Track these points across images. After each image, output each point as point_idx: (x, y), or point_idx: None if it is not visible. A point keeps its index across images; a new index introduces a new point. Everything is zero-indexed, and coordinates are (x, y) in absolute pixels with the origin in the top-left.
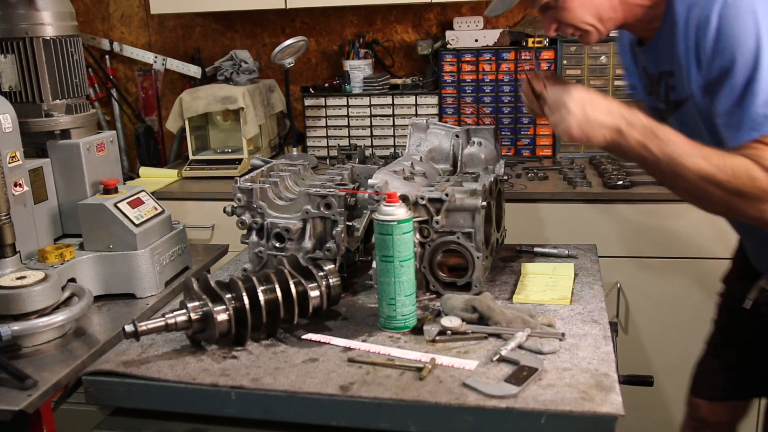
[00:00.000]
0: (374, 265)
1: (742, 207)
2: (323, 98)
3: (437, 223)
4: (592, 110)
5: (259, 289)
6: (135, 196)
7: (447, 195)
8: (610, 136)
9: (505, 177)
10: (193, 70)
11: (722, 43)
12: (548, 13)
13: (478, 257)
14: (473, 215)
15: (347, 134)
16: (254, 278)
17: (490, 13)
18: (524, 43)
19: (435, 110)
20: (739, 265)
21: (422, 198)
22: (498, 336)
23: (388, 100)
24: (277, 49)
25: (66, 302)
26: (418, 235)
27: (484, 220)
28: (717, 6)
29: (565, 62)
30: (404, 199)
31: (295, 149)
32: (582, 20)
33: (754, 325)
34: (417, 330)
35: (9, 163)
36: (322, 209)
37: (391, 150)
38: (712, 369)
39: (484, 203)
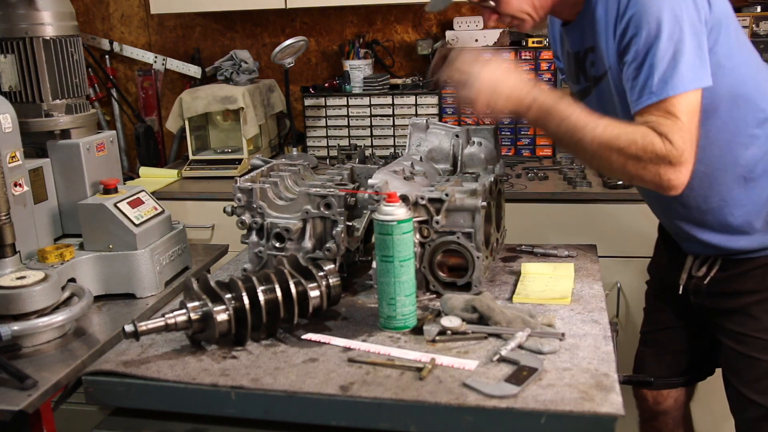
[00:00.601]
0: (374, 264)
1: (640, 172)
2: (323, 98)
3: (437, 223)
4: (500, 84)
5: (259, 289)
6: (135, 196)
7: (447, 195)
8: (510, 111)
9: (505, 177)
10: (193, 70)
11: (632, 11)
12: (487, 5)
13: (478, 257)
14: (473, 215)
15: (347, 134)
16: (254, 278)
17: (430, 9)
18: (524, 43)
19: (435, 110)
20: (661, 251)
21: (422, 198)
22: (498, 336)
23: (388, 100)
24: (277, 49)
25: (66, 302)
26: (418, 235)
27: (484, 220)
28: None
29: None
30: (404, 199)
31: (295, 149)
32: (519, 9)
33: (681, 309)
34: (417, 330)
35: (9, 163)
36: (322, 209)
37: (391, 150)
38: (646, 357)
39: (484, 203)
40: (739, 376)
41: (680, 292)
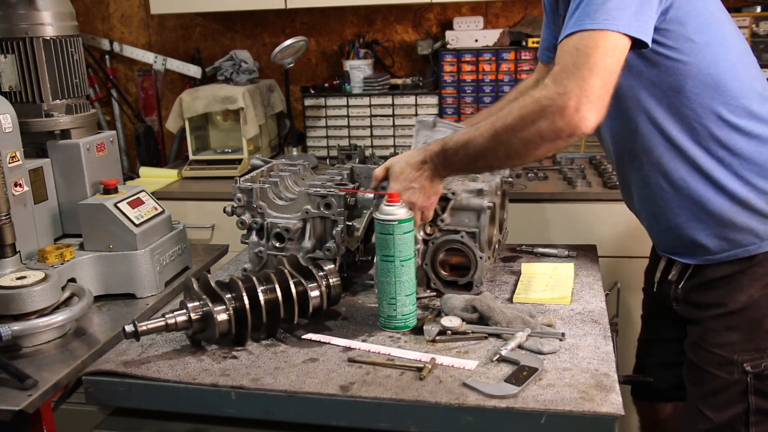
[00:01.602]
0: (376, 260)
1: (535, 136)
2: (323, 98)
3: (442, 221)
4: (409, 182)
5: (259, 289)
6: (135, 196)
7: (453, 194)
8: (440, 176)
9: (509, 179)
10: (193, 70)
11: None
12: None
13: (480, 257)
14: (478, 215)
15: (347, 134)
16: (254, 278)
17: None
18: (524, 43)
19: (435, 110)
20: (651, 257)
21: None
22: (498, 336)
23: (388, 100)
24: (277, 49)
25: (66, 302)
26: (421, 232)
27: (489, 220)
28: None
29: None
30: None
31: (295, 149)
32: None
33: (677, 320)
34: (417, 330)
35: (9, 163)
36: (322, 209)
37: (391, 150)
38: (646, 368)
39: (491, 204)
40: (695, 388)
41: (654, 290)
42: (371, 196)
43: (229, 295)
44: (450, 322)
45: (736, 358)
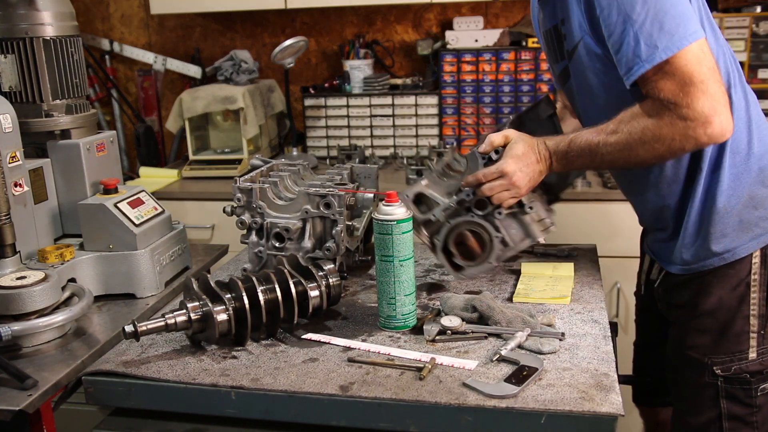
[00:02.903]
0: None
1: (674, 146)
2: (323, 98)
3: (531, 208)
4: (525, 167)
5: (259, 289)
6: (135, 196)
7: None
8: (547, 173)
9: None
10: (193, 70)
11: None
12: None
13: (496, 237)
14: (526, 231)
15: (347, 134)
16: (254, 278)
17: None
18: (524, 43)
19: (435, 110)
20: (642, 257)
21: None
22: (498, 336)
23: (388, 100)
24: (277, 49)
25: (66, 302)
26: (455, 196)
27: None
28: None
29: None
30: None
31: (295, 149)
32: None
33: (664, 322)
34: (417, 330)
35: (9, 163)
36: (321, 209)
37: (391, 150)
38: (640, 372)
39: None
40: (674, 391)
41: (642, 291)
42: (371, 196)
43: (228, 295)
44: (450, 321)
45: (706, 361)
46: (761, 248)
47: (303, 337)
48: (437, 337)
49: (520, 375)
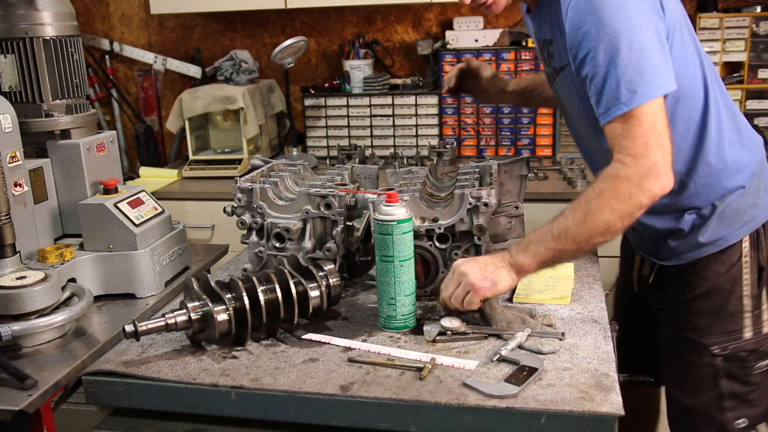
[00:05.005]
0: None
1: (632, 202)
2: (323, 98)
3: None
4: (490, 273)
5: (259, 289)
6: (135, 196)
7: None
8: (518, 277)
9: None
10: (193, 70)
11: (586, 28)
12: None
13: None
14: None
15: (347, 134)
16: (254, 278)
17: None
18: (524, 43)
19: (435, 110)
20: (624, 253)
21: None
22: (498, 336)
23: (388, 100)
24: (277, 49)
25: (66, 302)
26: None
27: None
28: None
29: None
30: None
31: (295, 149)
32: None
33: (645, 313)
34: (417, 330)
35: (9, 163)
36: (322, 209)
37: (391, 150)
38: (628, 364)
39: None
40: (669, 374)
41: (635, 290)
42: (371, 196)
43: (229, 295)
44: (450, 322)
45: (704, 342)
46: (749, 234)
47: (303, 337)
48: (437, 338)
49: (520, 375)
